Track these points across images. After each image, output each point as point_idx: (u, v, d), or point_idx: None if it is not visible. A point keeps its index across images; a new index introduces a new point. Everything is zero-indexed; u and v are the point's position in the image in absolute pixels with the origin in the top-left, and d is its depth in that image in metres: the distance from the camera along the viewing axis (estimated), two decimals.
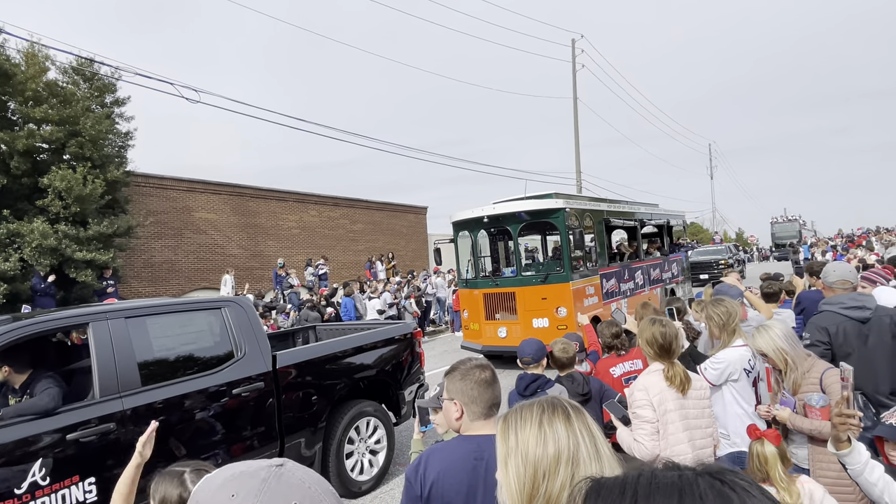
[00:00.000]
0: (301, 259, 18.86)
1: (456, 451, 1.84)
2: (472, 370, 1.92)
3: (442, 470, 1.80)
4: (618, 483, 0.63)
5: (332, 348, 4.98)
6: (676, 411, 2.69)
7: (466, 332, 10.84)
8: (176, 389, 3.74)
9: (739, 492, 0.56)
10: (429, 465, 1.83)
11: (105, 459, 3.32)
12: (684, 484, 0.58)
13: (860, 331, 3.37)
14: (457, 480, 1.77)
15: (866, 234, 25.77)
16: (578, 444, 1.10)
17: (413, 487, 1.84)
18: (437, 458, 1.85)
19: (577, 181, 24.20)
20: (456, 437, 1.92)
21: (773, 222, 45.91)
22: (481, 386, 1.87)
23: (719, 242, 31.07)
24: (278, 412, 4.33)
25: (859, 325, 3.38)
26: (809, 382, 2.80)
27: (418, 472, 1.84)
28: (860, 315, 3.38)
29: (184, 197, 16.66)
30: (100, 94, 13.31)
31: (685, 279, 15.64)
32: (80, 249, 11.77)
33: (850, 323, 3.41)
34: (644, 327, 2.92)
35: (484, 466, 1.76)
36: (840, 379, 1.96)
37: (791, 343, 2.86)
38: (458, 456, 1.81)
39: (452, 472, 1.79)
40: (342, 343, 5.12)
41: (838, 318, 3.46)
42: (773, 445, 2.36)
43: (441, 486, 1.78)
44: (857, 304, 3.42)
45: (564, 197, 10.28)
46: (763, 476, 2.35)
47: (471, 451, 1.80)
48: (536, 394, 3.35)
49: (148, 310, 3.93)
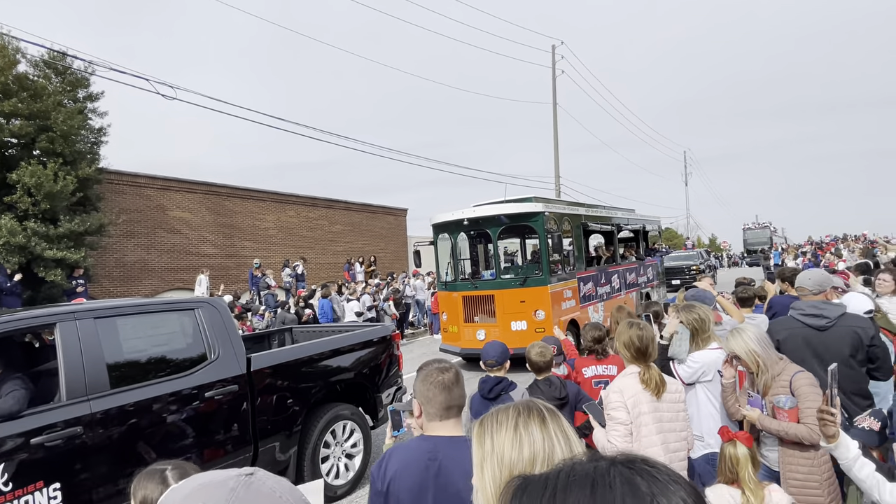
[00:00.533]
0: (278, 260, 18.66)
1: (413, 451, 1.88)
2: (432, 372, 1.94)
3: (399, 468, 1.85)
4: (541, 479, 0.66)
5: (308, 351, 4.91)
6: (650, 414, 2.73)
7: (445, 335, 10.85)
8: (146, 392, 3.65)
9: (647, 478, 0.59)
10: (389, 463, 1.89)
11: (71, 464, 3.22)
12: (597, 474, 0.61)
13: (816, 338, 3.39)
14: (410, 478, 1.81)
15: (834, 241, 26.51)
16: (553, 447, 1.11)
17: (375, 483, 1.90)
18: (397, 457, 1.90)
19: (556, 185, 24.42)
20: (416, 437, 1.95)
21: (745, 228, 46.94)
22: (437, 388, 1.90)
23: (691, 248, 31.23)
24: (252, 416, 4.26)
25: (816, 333, 3.40)
26: (780, 385, 2.86)
27: (381, 468, 1.90)
28: (816, 323, 3.41)
29: (158, 195, 16.35)
30: (72, 89, 13.01)
31: (660, 283, 15.91)
32: (50, 247, 11.50)
33: (805, 330, 3.44)
34: (622, 330, 2.96)
35: (437, 467, 1.80)
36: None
37: (763, 346, 2.92)
38: (415, 455, 1.85)
39: (407, 471, 1.83)
40: (319, 346, 5.05)
41: (794, 324, 3.52)
42: (745, 447, 2.41)
43: (396, 484, 1.83)
44: (815, 312, 3.44)
45: (543, 201, 10.39)
46: (733, 477, 2.40)
47: (426, 451, 1.84)
48: (500, 396, 3.39)
49: (118, 310, 3.83)
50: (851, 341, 3.30)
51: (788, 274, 5.51)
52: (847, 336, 3.32)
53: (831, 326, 3.37)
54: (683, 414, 2.87)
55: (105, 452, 3.38)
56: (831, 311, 3.43)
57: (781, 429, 2.74)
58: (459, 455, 1.81)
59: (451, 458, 1.81)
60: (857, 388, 3.34)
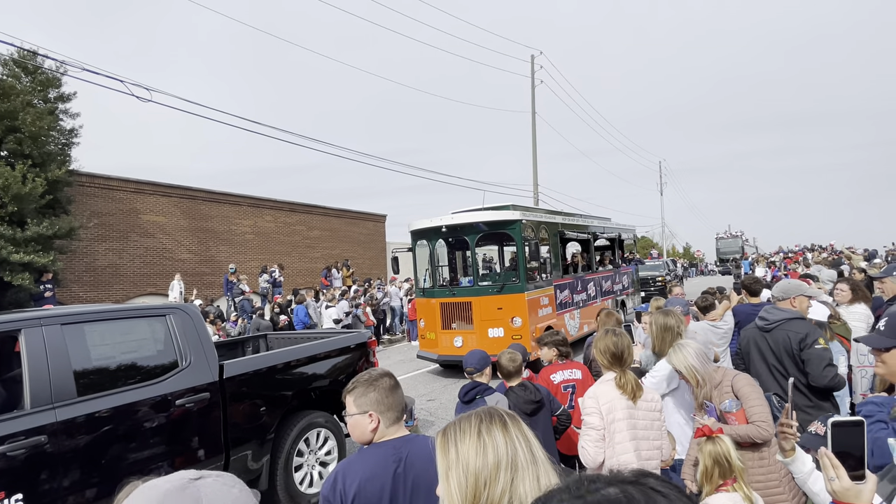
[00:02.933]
0: (255, 265, 18.44)
1: (374, 459, 1.85)
2: (379, 379, 1.96)
3: (363, 480, 1.81)
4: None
5: (282, 358, 4.86)
6: (625, 420, 2.77)
7: (423, 342, 10.85)
8: (114, 400, 3.57)
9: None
10: (347, 479, 1.83)
11: (34, 475, 3.13)
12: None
13: (761, 339, 3.68)
14: (379, 487, 1.80)
15: (802, 251, 27.22)
16: (516, 450, 1.13)
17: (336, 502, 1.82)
18: (356, 470, 1.84)
19: (534, 193, 24.62)
20: (370, 447, 1.92)
21: (717, 238, 48.06)
22: (392, 392, 1.93)
23: (657, 258, 31.06)
24: (224, 424, 4.20)
25: (761, 334, 3.69)
26: (724, 391, 2.94)
27: (336, 489, 1.82)
28: (760, 324, 3.72)
29: (131, 198, 16.04)
30: (43, 89, 12.74)
31: (635, 291, 16.12)
32: (17, 251, 11.16)
33: (754, 331, 3.76)
34: (599, 337, 3.03)
35: (403, 466, 1.82)
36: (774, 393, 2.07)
37: (702, 361, 2.97)
38: (377, 463, 1.84)
39: (374, 480, 1.81)
40: (293, 353, 5.02)
41: (751, 326, 3.86)
42: (727, 437, 2.42)
43: (365, 497, 1.79)
44: (763, 315, 3.75)
45: (521, 209, 10.46)
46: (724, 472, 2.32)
47: (389, 456, 1.84)
48: (476, 400, 3.49)
49: (86, 316, 3.75)
50: (784, 345, 3.50)
51: (748, 283, 5.62)
52: (781, 339, 3.53)
53: (771, 329, 3.61)
54: (659, 423, 2.91)
55: (71, 462, 3.29)
56: (775, 314, 3.67)
57: (735, 433, 2.79)
58: (419, 448, 1.86)
59: (413, 452, 1.84)
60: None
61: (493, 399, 3.50)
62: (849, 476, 1.38)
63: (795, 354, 3.45)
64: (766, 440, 2.71)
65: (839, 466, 1.39)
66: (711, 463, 2.33)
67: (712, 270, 50.00)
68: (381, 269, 24.88)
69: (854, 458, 1.40)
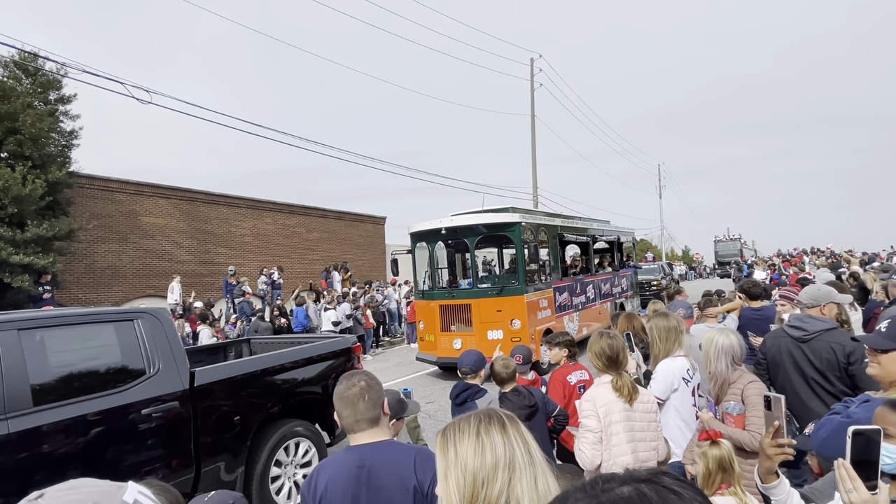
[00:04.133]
0: (254, 267, 18.44)
1: (340, 462, 1.92)
2: (339, 384, 1.99)
3: (329, 481, 1.89)
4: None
5: (258, 364, 4.69)
6: (622, 423, 2.79)
7: (422, 344, 10.85)
8: (74, 410, 3.35)
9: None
10: (318, 478, 1.93)
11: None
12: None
13: (795, 349, 3.49)
14: (341, 489, 1.86)
15: (801, 254, 27.24)
16: (514, 451, 1.15)
17: (306, 500, 1.94)
18: (325, 471, 1.94)
19: (533, 196, 24.66)
20: (343, 450, 1.98)
21: (716, 241, 47.86)
22: (343, 401, 1.95)
23: (652, 261, 30.16)
24: (195, 434, 3.99)
25: (796, 344, 3.50)
26: (732, 392, 2.95)
27: (310, 486, 1.94)
28: (795, 334, 3.52)
29: (130, 200, 16.05)
30: (43, 91, 12.75)
31: (634, 294, 16.14)
32: (17, 253, 11.16)
33: (787, 340, 3.55)
34: (593, 340, 3.04)
35: (366, 473, 1.85)
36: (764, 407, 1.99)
37: (719, 355, 2.97)
38: (343, 466, 1.90)
39: (337, 482, 1.88)
40: (270, 359, 4.82)
41: (780, 334, 3.65)
42: (725, 442, 2.43)
43: (328, 497, 1.87)
44: (797, 324, 3.55)
45: (521, 211, 10.47)
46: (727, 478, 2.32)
47: (354, 461, 1.89)
48: (467, 402, 3.49)
49: (46, 321, 3.55)
50: (827, 357, 3.32)
51: (747, 287, 5.52)
52: (823, 352, 3.34)
53: (809, 339, 3.43)
54: (655, 424, 2.93)
55: (24, 476, 3.09)
56: (813, 324, 3.47)
57: (726, 433, 2.81)
58: (386, 457, 1.88)
59: (378, 461, 1.87)
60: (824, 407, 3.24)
61: (485, 401, 3.49)
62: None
63: (842, 368, 3.27)
64: (755, 451, 2.72)
65: (856, 478, 1.36)
66: (716, 467, 2.33)
67: (710, 274, 49.73)
68: (381, 272, 24.89)
69: (869, 468, 1.37)
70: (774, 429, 1.89)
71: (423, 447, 1.99)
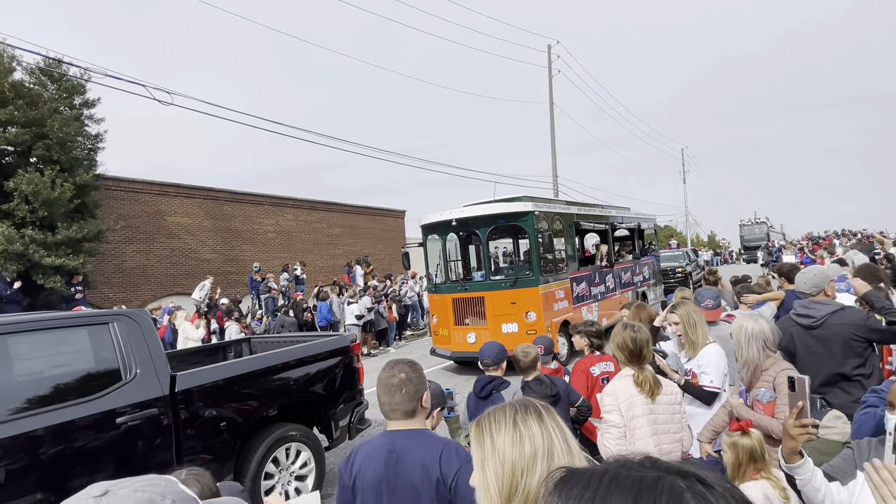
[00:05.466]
0: (277, 264, 18.74)
1: (375, 445, 2.00)
2: (383, 371, 2.04)
3: (363, 461, 1.98)
4: (585, 475, 0.65)
5: (247, 367, 4.45)
6: (644, 416, 2.74)
7: (436, 338, 10.73)
8: (42, 420, 3.15)
9: (698, 498, 0.56)
10: (356, 457, 2.02)
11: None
12: (644, 485, 0.58)
13: (806, 337, 3.44)
14: (372, 470, 1.93)
15: (831, 237, 26.44)
16: (552, 440, 1.14)
17: (343, 478, 2.03)
18: (361, 452, 2.02)
19: (553, 185, 24.44)
20: (380, 433, 2.05)
21: (741, 224, 46.09)
22: (382, 388, 2.00)
23: (676, 248, 28.66)
24: (176, 444, 3.77)
25: (806, 332, 3.44)
26: (764, 379, 2.89)
27: (348, 464, 2.03)
28: (804, 322, 3.46)
29: (156, 200, 16.45)
30: (68, 96, 13.13)
31: (657, 282, 15.83)
32: (48, 255, 11.57)
33: (796, 328, 3.50)
34: (616, 332, 2.97)
35: (395, 458, 1.91)
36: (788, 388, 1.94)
37: (750, 341, 2.92)
38: (376, 448, 1.97)
39: (369, 464, 1.95)
40: (260, 360, 4.59)
41: (789, 323, 3.58)
42: (755, 431, 2.38)
43: (361, 477, 1.95)
44: (804, 312, 3.49)
45: (533, 200, 10.25)
46: (759, 466, 2.32)
47: (385, 445, 1.95)
48: (492, 395, 3.44)
49: (11, 327, 3.32)
50: (842, 340, 3.26)
51: (785, 270, 5.33)
52: (837, 334, 3.29)
53: (818, 325, 3.38)
54: (679, 416, 2.87)
55: None
56: (819, 310, 3.42)
57: (754, 419, 2.78)
58: (415, 445, 1.92)
59: (407, 448, 1.91)
60: (848, 398, 3.17)
61: (510, 393, 3.45)
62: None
63: (861, 340, 3.23)
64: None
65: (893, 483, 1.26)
66: (747, 457, 2.32)
67: (735, 259, 47.84)
68: (401, 265, 25.00)
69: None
70: (798, 409, 1.88)
71: (452, 441, 2.00)
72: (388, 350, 14.98)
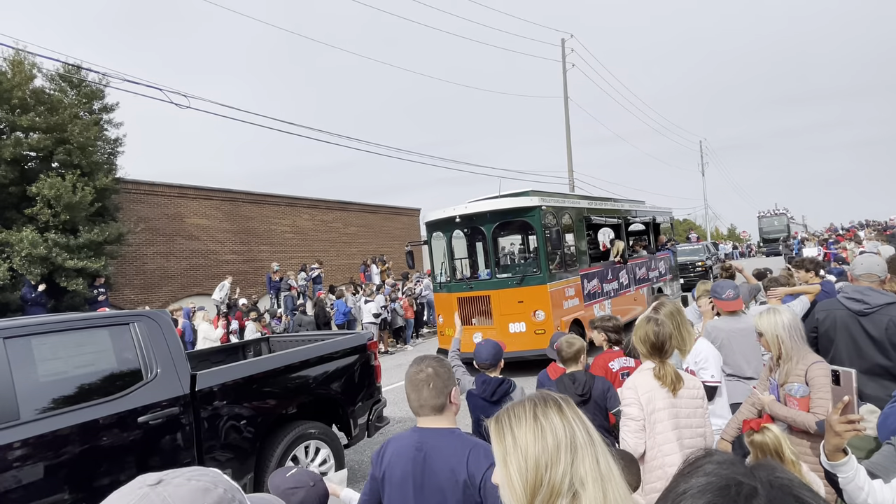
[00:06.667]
0: (295, 263, 18.96)
1: (404, 441, 2.01)
2: (410, 367, 2.04)
3: (392, 456, 2.00)
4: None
5: (266, 365, 4.50)
6: (665, 410, 2.70)
7: (442, 338, 10.46)
8: (65, 420, 3.20)
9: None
10: (386, 451, 2.05)
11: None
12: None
13: (853, 323, 3.32)
14: (400, 467, 1.95)
15: (854, 228, 25.75)
16: (574, 431, 1.13)
17: (374, 468, 2.07)
18: (392, 446, 2.04)
19: (569, 180, 24.26)
20: (410, 429, 2.05)
21: (759, 216, 44.44)
22: (410, 384, 2.00)
23: (696, 241, 28.06)
24: (197, 442, 3.83)
25: (854, 317, 3.33)
26: (795, 373, 2.80)
27: (380, 455, 2.07)
28: (855, 307, 3.34)
29: (175, 203, 16.77)
30: (88, 101, 13.43)
31: (673, 278, 15.37)
32: (71, 258, 11.83)
33: (844, 312, 3.38)
34: (639, 325, 2.92)
35: (423, 457, 1.91)
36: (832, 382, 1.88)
37: (791, 333, 2.83)
38: (404, 445, 1.99)
39: (397, 459, 1.97)
40: (279, 359, 4.63)
41: (836, 306, 3.46)
42: (776, 427, 2.37)
43: (390, 470, 1.98)
44: (857, 297, 3.36)
45: (540, 194, 9.89)
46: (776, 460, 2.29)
47: (414, 443, 1.96)
48: (503, 400, 3.32)
49: (35, 328, 3.39)
50: (890, 331, 3.15)
51: (811, 266, 5.37)
52: (885, 324, 3.18)
53: (871, 313, 3.25)
54: (702, 410, 2.82)
55: (12, 493, 2.96)
56: (875, 297, 3.29)
57: (790, 416, 2.71)
58: (443, 446, 1.91)
59: (436, 448, 1.91)
60: (883, 391, 3.05)
61: (518, 392, 3.39)
62: None
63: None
64: (820, 434, 2.62)
65: None
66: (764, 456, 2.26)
67: (755, 252, 45.97)
68: (418, 263, 25.10)
69: None
70: (844, 404, 1.82)
71: (482, 441, 1.95)
72: (406, 348, 15.07)
